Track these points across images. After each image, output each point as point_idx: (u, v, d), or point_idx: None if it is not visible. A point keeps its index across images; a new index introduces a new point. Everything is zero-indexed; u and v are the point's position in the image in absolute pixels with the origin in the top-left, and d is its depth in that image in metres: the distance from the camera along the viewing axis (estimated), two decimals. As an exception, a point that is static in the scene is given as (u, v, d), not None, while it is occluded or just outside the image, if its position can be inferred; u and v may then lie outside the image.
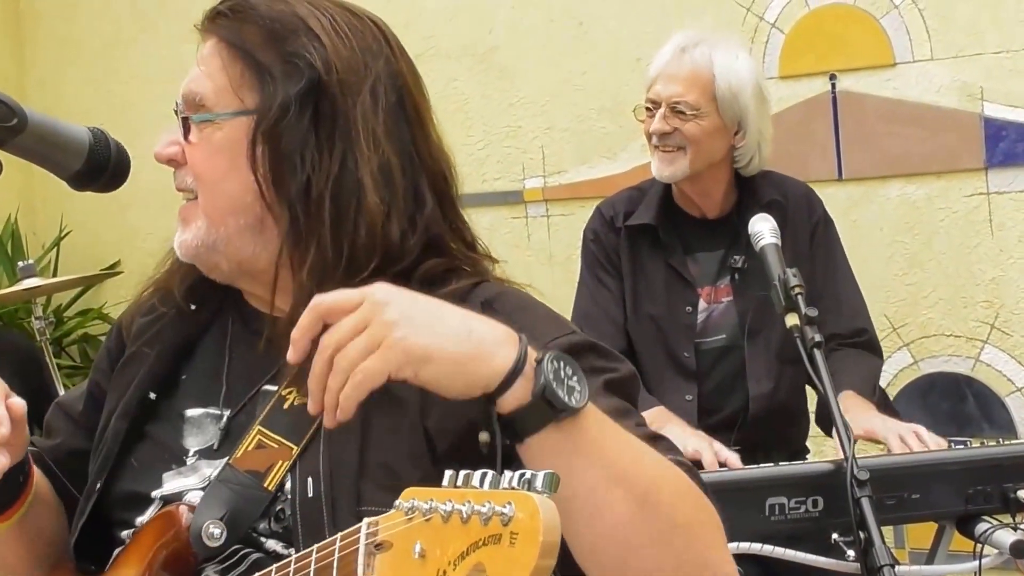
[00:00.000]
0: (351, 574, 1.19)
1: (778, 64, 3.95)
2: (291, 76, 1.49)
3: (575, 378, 1.25)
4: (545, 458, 1.23)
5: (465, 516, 1.09)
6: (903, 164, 3.82)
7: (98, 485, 1.58)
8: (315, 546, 1.25)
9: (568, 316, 2.54)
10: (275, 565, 1.32)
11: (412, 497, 1.15)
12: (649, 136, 3.09)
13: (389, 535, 1.17)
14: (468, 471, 1.12)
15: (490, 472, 1.10)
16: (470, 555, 1.09)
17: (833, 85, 3.89)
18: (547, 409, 1.23)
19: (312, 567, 1.26)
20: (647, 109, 3.10)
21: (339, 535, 1.22)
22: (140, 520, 1.54)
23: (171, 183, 1.56)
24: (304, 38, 1.51)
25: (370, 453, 1.44)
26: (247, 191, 1.51)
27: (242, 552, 1.45)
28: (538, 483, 1.07)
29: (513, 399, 1.23)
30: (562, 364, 1.25)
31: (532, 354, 1.25)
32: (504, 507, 1.07)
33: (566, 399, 1.23)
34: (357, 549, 1.19)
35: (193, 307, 1.64)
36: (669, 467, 1.31)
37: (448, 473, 1.12)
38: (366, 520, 1.18)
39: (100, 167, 1.41)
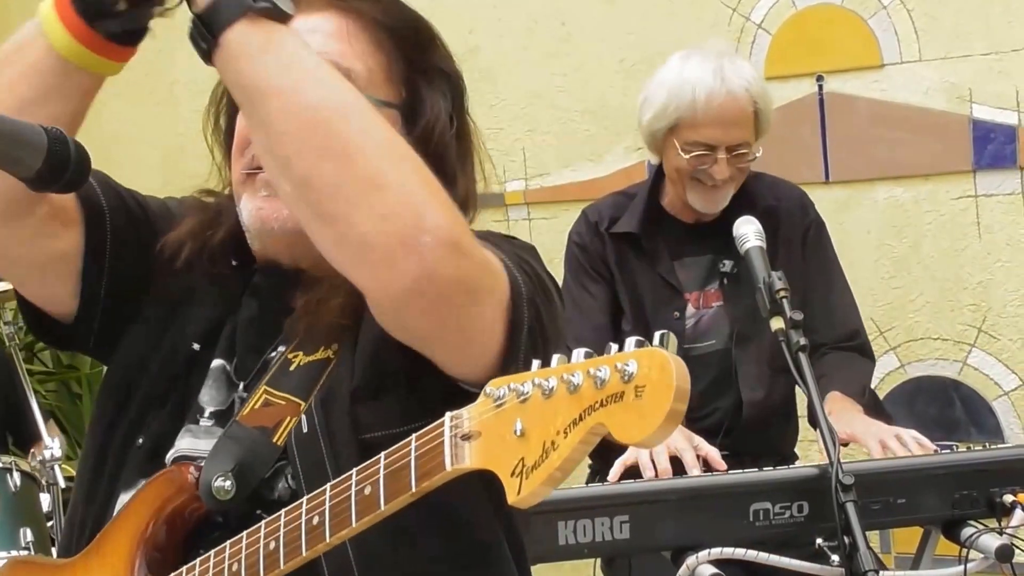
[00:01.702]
0: (436, 468, 1.16)
1: (764, 65, 3.91)
2: (439, 87, 1.56)
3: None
4: (240, 59, 1.27)
5: (574, 385, 1.06)
6: (891, 166, 3.80)
7: (139, 440, 1.54)
8: (382, 453, 1.23)
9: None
10: (330, 483, 1.28)
11: (504, 383, 1.13)
12: (689, 172, 2.96)
13: (477, 424, 1.13)
14: (562, 355, 1.11)
15: (584, 349, 1.10)
16: (585, 419, 1.06)
17: (820, 87, 3.87)
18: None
19: (381, 473, 1.21)
20: (688, 146, 2.94)
21: (414, 435, 1.20)
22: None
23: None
24: (442, 51, 1.60)
25: (357, 375, 1.44)
26: None
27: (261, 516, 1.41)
28: (656, 342, 1.06)
29: None
30: None
31: None
32: (626, 364, 1.04)
33: None
34: (441, 442, 1.16)
35: (235, 263, 1.61)
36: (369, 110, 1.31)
37: (536, 361, 1.13)
38: (448, 413, 1.17)
39: (62, 165, 1.36)
